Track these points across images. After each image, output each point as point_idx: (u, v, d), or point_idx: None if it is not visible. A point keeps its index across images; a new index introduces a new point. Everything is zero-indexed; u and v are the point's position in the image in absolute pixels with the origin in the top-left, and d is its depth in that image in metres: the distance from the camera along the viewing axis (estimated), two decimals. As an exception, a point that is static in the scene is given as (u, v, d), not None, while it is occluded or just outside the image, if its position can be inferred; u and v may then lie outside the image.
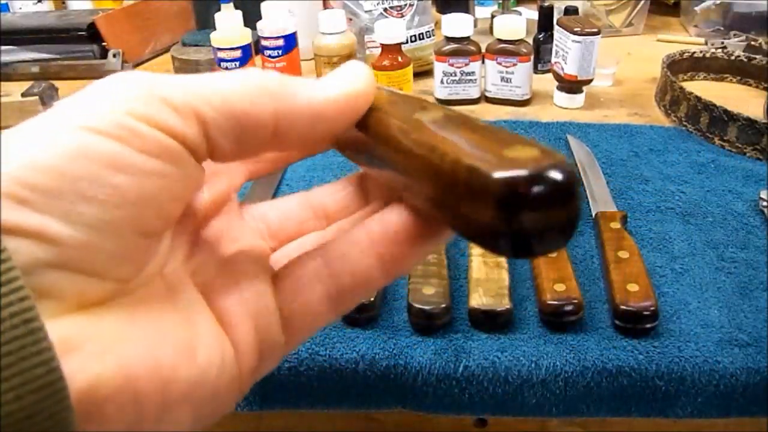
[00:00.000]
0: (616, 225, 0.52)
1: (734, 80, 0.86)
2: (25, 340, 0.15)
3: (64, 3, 1.20)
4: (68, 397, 0.16)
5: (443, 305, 0.44)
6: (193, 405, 0.19)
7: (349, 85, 0.21)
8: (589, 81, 0.77)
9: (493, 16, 0.97)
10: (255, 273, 0.23)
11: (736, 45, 0.93)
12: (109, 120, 0.18)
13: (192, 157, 0.19)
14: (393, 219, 0.21)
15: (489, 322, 0.44)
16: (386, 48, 0.74)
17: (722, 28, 1.00)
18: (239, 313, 0.21)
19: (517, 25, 0.77)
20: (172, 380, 0.18)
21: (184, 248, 0.23)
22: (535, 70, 0.86)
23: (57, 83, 0.87)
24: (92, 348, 0.17)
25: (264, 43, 0.79)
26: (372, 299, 0.45)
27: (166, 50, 1.00)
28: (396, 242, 0.21)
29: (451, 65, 0.79)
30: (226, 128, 0.19)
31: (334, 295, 0.22)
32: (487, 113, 0.79)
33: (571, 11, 0.83)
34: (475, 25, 0.87)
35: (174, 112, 0.18)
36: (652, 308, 0.43)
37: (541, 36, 0.88)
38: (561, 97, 0.80)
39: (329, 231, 0.26)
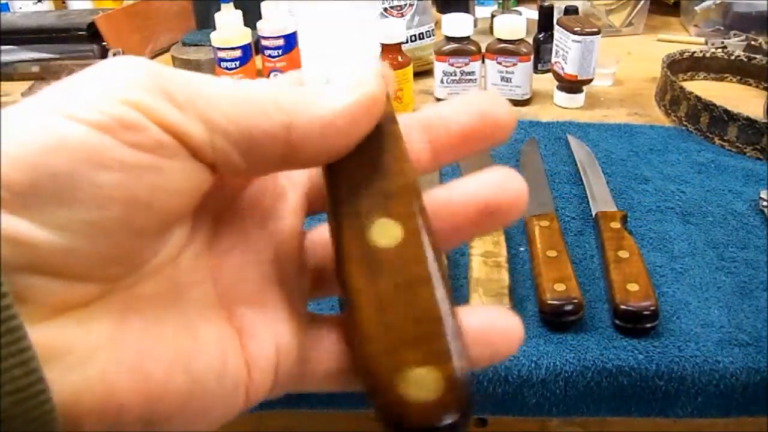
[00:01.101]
0: (616, 225, 0.52)
1: (734, 80, 0.86)
2: (6, 341, 0.14)
3: (64, 3, 1.20)
4: (50, 400, 0.14)
5: (443, 305, 0.44)
6: (184, 419, 0.17)
7: (359, 92, 0.19)
8: (589, 81, 0.77)
9: (493, 16, 0.97)
10: (288, 292, 0.21)
11: (736, 45, 0.93)
12: (97, 108, 0.16)
13: (192, 155, 0.17)
14: None
15: (489, 321, 0.44)
16: (386, 48, 0.74)
17: (722, 28, 1.00)
18: (262, 331, 0.19)
19: (517, 24, 0.77)
20: (161, 395, 0.17)
21: (205, 237, 0.20)
22: (535, 70, 0.86)
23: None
24: (73, 357, 0.15)
25: (264, 42, 0.79)
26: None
27: (166, 50, 1.00)
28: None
29: (451, 65, 0.79)
30: (236, 138, 0.17)
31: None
32: (487, 113, 0.79)
33: (571, 11, 0.83)
34: (475, 25, 0.87)
35: (177, 108, 0.16)
36: (652, 308, 0.43)
37: (541, 36, 0.88)
38: (561, 97, 0.80)
39: None
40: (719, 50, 0.86)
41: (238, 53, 0.76)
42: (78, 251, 0.16)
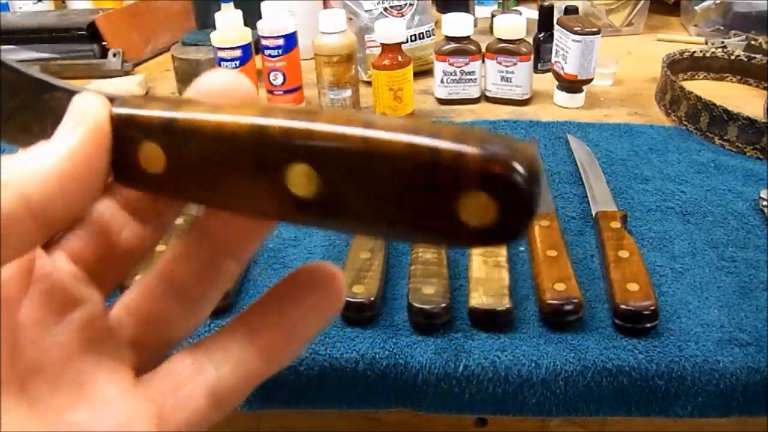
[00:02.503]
0: (616, 224, 0.52)
1: (734, 80, 0.86)
2: None
3: (64, 2, 1.20)
4: None
5: (443, 305, 0.44)
6: None
7: (80, 128, 0.19)
8: (589, 80, 0.77)
9: (493, 16, 0.97)
10: (107, 367, 0.20)
11: (736, 44, 0.93)
12: None
13: None
14: (264, 316, 0.20)
15: (489, 321, 0.44)
16: (386, 47, 0.74)
17: (722, 28, 1.00)
18: (92, 424, 0.19)
19: (517, 24, 0.77)
20: None
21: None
22: (535, 70, 0.86)
23: (57, 83, 0.86)
24: None
25: (264, 42, 0.79)
26: (372, 299, 0.45)
27: (166, 50, 1.00)
28: (274, 336, 0.20)
29: (452, 65, 0.79)
30: None
31: (217, 393, 0.20)
32: (488, 113, 0.79)
33: (571, 11, 0.83)
34: (475, 25, 0.87)
35: None
36: (652, 308, 0.43)
37: (541, 35, 0.88)
38: (561, 97, 0.80)
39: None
40: (719, 50, 0.86)
41: (238, 53, 0.76)
42: None
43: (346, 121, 0.17)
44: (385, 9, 0.85)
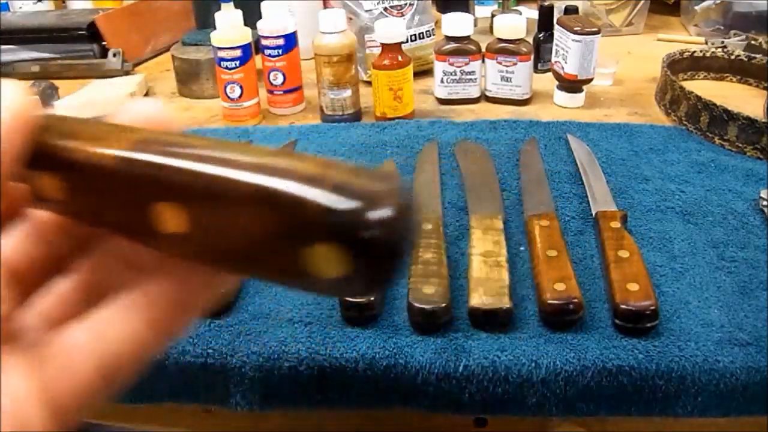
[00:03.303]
0: (616, 224, 0.52)
1: (734, 79, 0.86)
2: None
3: (64, 2, 1.20)
4: None
5: (443, 304, 0.44)
6: None
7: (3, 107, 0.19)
8: (589, 80, 0.77)
9: (493, 16, 0.97)
10: (7, 357, 0.20)
11: (736, 44, 0.93)
12: None
13: None
14: (154, 288, 0.20)
15: (489, 321, 0.44)
16: (386, 47, 0.74)
17: (722, 28, 1.00)
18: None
19: (517, 24, 0.77)
20: None
21: None
22: (536, 70, 0.86)
23: (57, 83, 0.87)
24: None
25: (264, 42, 0.79)
26: (372, 298, 0.45)
27: (166, 50, 1.00)
28: (164, 308, 0.20)
29: (452, 64, 0.79)
30: None
31: (106, 365, 0.20)
32: (488, 112, 0.79)
33: (571, 10, 0.83)
34: (476, 25, 0.87)
35: None
36: (652, 308, 0.43)
37: (541, 35, 0.88)
38: (561, 97, 0.80)
39: (78, 281, 0.23)
40: (719, 50, 0.86)
41: (238, 53, 0.76)
42: None
43: (201, 158, 0.17)
44: (385, 9, 0.85)
